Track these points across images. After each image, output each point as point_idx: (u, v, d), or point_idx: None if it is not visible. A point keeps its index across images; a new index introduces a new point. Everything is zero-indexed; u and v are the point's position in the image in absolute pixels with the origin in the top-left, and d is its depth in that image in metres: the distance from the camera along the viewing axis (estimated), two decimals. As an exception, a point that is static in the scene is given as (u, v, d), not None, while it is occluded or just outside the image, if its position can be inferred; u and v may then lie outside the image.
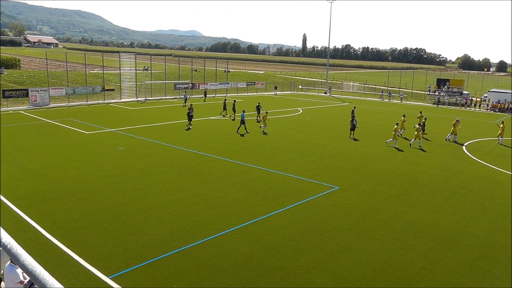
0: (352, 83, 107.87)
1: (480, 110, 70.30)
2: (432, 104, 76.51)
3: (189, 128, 36.60)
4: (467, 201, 21.41)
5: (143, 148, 29.28)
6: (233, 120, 44.70)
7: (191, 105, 39.70)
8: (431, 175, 25.80)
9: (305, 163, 27.08)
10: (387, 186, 23.03)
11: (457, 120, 37.68)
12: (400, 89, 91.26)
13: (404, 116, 40.70)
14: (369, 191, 21.95)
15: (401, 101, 78.78)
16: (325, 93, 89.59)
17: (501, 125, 37.30)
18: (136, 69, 66.64)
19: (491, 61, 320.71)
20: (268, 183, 22.39)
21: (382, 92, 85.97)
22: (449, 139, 37.39)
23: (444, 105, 74.63)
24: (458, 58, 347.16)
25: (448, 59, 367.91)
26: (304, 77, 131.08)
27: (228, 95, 73.57)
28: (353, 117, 38.87)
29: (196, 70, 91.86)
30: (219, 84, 76.81)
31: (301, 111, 54.33)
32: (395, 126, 33.94)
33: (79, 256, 13.66)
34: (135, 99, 60.32)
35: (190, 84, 70.26)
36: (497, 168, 28.34)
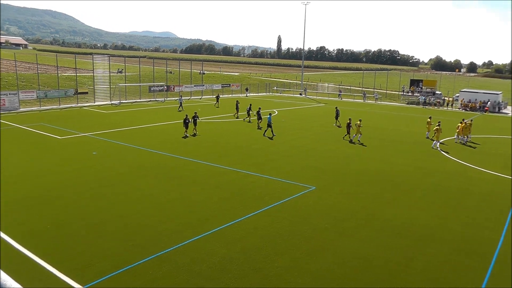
0: (327, 84, 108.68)
1: (452, 109, 71.82)
2: (406, 104, 77.75)
3: (186, 136, 35.13)
4: (442, 197, 21.91)
5: (118, 153, 28.91)
6: (237, 118, 46.27)
7: (195, 113, 37.31)
8: (407, 174, 26.24)
9: (282, 164, 27.19)
10: (364, 186, 23.31)
11: (465, 121, 37.85)
12: (375, 90, 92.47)
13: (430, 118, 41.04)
14: (346, 191, 22.18)
15: (376, 102, 79.91)
16: (301, 94, 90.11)
17: (461, 124, 37.51)
18: (110, 72, 65.72)
19: (462, 62, 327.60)
20: (245, 185, 22.41)
21: (365, 94, 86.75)
22: (461, 141, 37.57)
23: (418, 105, 75.96)
24: (430, 59, 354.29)
25: (421, 61, 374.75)
26: (279, 78, 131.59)
27: (203, 97, 73.36)
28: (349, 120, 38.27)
29: (171, 72, 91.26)
30: (194, 86, 76.48)
31: (276, 112, 54.51)
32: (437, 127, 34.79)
33: (53, 267, 13.21)
34: (109, 102, 59.52)
35: (165, 87, 69.76)
36: (470, 165, 29.06)
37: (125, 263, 13.56)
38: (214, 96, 64.63)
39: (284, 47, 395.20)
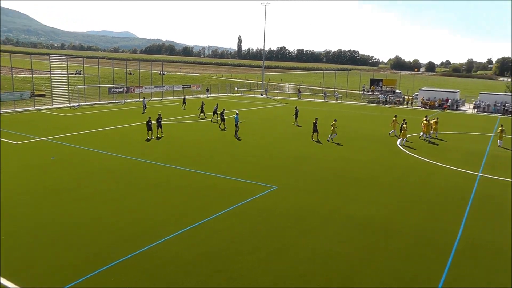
0: (288, 84, 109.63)
1: (412, 108, 73.73)
2: (367, 103, 79.27)
3: (149, 139, 34.26)
4: (403, 192, 22.58)
5: (78, 157, 28.12)
6: (203, 119, 46.22)
7: (159, 115, 36.51)
8: (368, 170, 26.82)
9: (244, 165, 27.26)
10: (325, 183, 23.66)
11: (427, 119, 38.97)
12: (335, 89, 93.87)
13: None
14: (308, 189, 22.45)
15: (337, 101, 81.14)
16: (261, 94, 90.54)
17: (425, 121, 38.73)
18: (68, 73, 63.84)
19: (420, 62, 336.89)
20: (207, 187, 22.31)
21: (325, 93, 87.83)
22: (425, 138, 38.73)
23: (379, 103, 77.67)
24: (390, 59, 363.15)
25: (380, 60, 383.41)
26: (240, 79, 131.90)
27: (164, 98, 72.65)
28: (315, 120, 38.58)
29: (130, 73, 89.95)
30: (155, 87, 75.56)
31: (237, 113, 54.37)
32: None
33: (7, 280, 12.61)
34: (68, 105, 57.92)
35: (125, 88, 68.68)
36: (430, 160, 30.01)
37: (85, 272, 13.09)
38: (181, 98, 63.87)
39: (244, 47, 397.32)
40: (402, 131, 36.07)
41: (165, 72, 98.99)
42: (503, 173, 27.40)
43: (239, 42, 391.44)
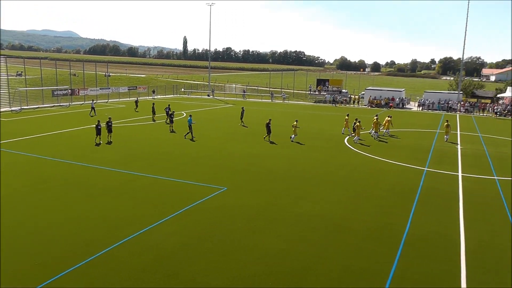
0: (234, 85, 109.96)
1: (359, 107, 75.68)
2: (314, 103, 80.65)
3: (99, 143, 33.11)
4: (352, 189, 23.14)
5: (22, 164, 26.65)
6: (153, 121, 45.99)
7: (109, 118, 35.36)
8: (318, 169, 27.27)
9: (193, 167, 27.02)
10: (275, 183, 23.85)
11: (376, 118, 40.21)
12: (282, 90, 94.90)
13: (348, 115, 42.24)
14: (258, 189, 22.55)
15: (284, 101, 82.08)
16: (208, 95, 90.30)
17: (376, 120, 40.00)
18: (8, 75, 60.87)
19: (366, 62, 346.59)
20: (156, 190, 21.94)
21: (272, 94, 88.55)
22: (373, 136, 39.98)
23: (325, 103, 79.24)
24: (335, 60, 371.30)
25: (326, 61, 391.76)
26: (187, 80, 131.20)
27: (110, 100, 70.87)
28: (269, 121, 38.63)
29: (75, 75, 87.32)
30: (100, 89, 73.53)
31: (184, 114, 54.06)
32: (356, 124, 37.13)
33: None
34: (9, 109, 55.12)
35: (69, 90, 66.36)
36: (378, 157, 30.98)
37: (33, 284, 12.52)
38: (128, 100, 62.45)
39: (190, 48, 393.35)
40: (356, 130, 37.16)
41: (111, 74, 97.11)
42: (448, 167, 28.68)
43: (185, 42, 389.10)
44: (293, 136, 36.76)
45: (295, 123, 37.03)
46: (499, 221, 18.94)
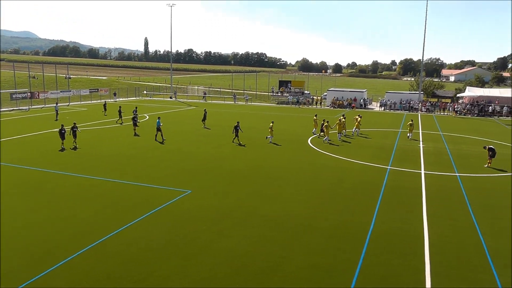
0: (197, 87, 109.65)
1: (321, 107, 76.68)
2: (277, 104, 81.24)
3: (63, 149, 32.17)
4: (318, 188, 23.51)
5: None
6: (121, 124, 45.61)
7: (74, 123, 34.56)
8: (283, 169, 27.54)
9: (157, 170, 26.79)
10: (240, 184, 23.97)
11: (340, 119, 40.85)
12: (245, 91, 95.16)
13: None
14: (223, 191, 22.60)
15: (246, 103, 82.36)
16: (171, 97, 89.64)
17: (343, 120, 40.88)
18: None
19: (327, 63, 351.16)
20: (120, 195, 21.66)
21: (235, 95, 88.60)
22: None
23: (288, 104, 79.92)
24: (297, 61, 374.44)
25: (288, 63, 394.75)
26: (149, 82, 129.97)
27: (71, 103, 69.26)
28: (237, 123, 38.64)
29: (34, 77, 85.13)
30: (61, 92, 71.76)
31: (147, 117, 53.51)
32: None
33: None
34: (-37, 114, 53.22)
35: (29, 93, 64.45)
36: (342, 158, 31.53)
37: None
38: (89, 103, 61.00)
39: (151, 49, 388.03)
40: (325, 130, 37.95)
41: (71, 76, 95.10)
42: (410, 165, 29.49)
43: (146, 44, 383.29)
44: (270, 137, 37.37)
45: (271, 124, 37.68)
46: (461, 216, 19.66)
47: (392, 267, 14.40)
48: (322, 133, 39.28)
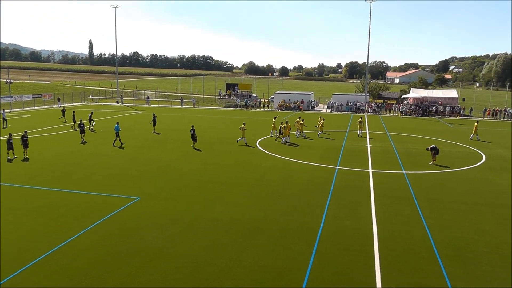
0: (143, 91, 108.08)
1: (269, 110, 77.31)
2: (224, 107, 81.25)
3: (13, 158, 30.74)
4: (265, 191, 23.61)
5: None
6: (75, 130, 45.17)
7: (25, 132, 32.11)
8: (230, 172, 27.50)
9: (104, 178, 26.08)
10: (188, 189, 23.75)
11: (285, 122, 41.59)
12: (192, 95, 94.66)
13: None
14: (171, 197, 22.33)
15: (194, 106, 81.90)
16: (117, 102, 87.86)
17: (321, 121, 43.25)
18: None
19: (274, 67, 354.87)
20: (66, 205, 20.86)
21: (182, 99, 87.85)
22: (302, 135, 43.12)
23: (236, 107, 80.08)
24: (244, 64, 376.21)
25: (235, 66, 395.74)
26: (94, 86, 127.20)
27: (13, 110, 66.34)
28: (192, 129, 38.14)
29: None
30: (2, 98, 68.56)
31: (94, 123, 52.09)
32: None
33: None
34: None
35: None
36: (290, 159, 31.81)
37: None
38: (33, 109, 58.34)
39: (96, 52, 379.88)
40: (284, 131, 39.14)
41: (12, 80, 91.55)
42: (358, 164, 30.25)
43: (90, 46, 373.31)
44: (242, 138, 38.08)
45: (243, 125, 38.37)
46: (408, 211, 20.36)
47: (342, 264, 14.68)
48: (281, 135, 40.31)
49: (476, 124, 44.90)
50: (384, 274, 14.00)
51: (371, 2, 76.50)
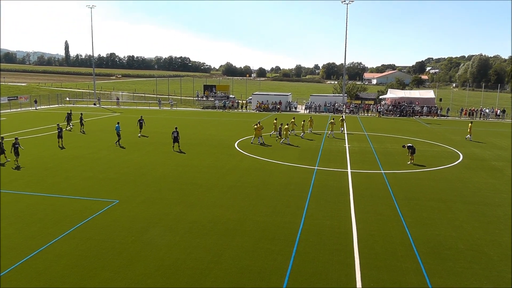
0: (121, 93, 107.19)
1: (247, 111, 77.33)
2: (202, 109, 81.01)
3: (6, 162, 30.08)
4: (244, 192, 23.65)
5: None
6: (70, 131, 45.26)
7: (16, 139, 30.62)
8: (208, 174, 27.45)
9: (81, 181, 25.73)
10: (166, 191, 23.62)
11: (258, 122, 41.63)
12: (169, 96, 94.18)
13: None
14: (149, 199, 22.17)
15: (172, 108, 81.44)
16: (95, 104, 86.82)
17: (309, 120, 45.82)
18: None
19: (251, 68, 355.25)
20: (43, 209, 20.50)
21: (160, 101, 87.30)
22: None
23: (214, 108, 79.92)
24: (221, 65, 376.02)
25: (212, 67, 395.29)
26: (71, 88, 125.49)
27: None
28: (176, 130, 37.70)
29: None
30: None
31: (72, 126, 51.37)
32: (286, 126, 40.57)
33: None
34: None
35: None
36: (268, 160, 31.93)
37: None
38: (8, 112, 56.99)
39: (72, 53, 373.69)
40: (284, 132, 40.02)
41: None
42: (337, 164, 30.52)
43: (66, 47, 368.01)
44: (259, 137, 39.05)
45: (257, 125, 39.17)
46: (387, 210, 20.65)
47: (322, 264, 14.80)
48: (280, 136, 41.15)
49: (470, 124, 46.11)
50: (364, 273, 14.17)
51: (347, 3, 77.23)
